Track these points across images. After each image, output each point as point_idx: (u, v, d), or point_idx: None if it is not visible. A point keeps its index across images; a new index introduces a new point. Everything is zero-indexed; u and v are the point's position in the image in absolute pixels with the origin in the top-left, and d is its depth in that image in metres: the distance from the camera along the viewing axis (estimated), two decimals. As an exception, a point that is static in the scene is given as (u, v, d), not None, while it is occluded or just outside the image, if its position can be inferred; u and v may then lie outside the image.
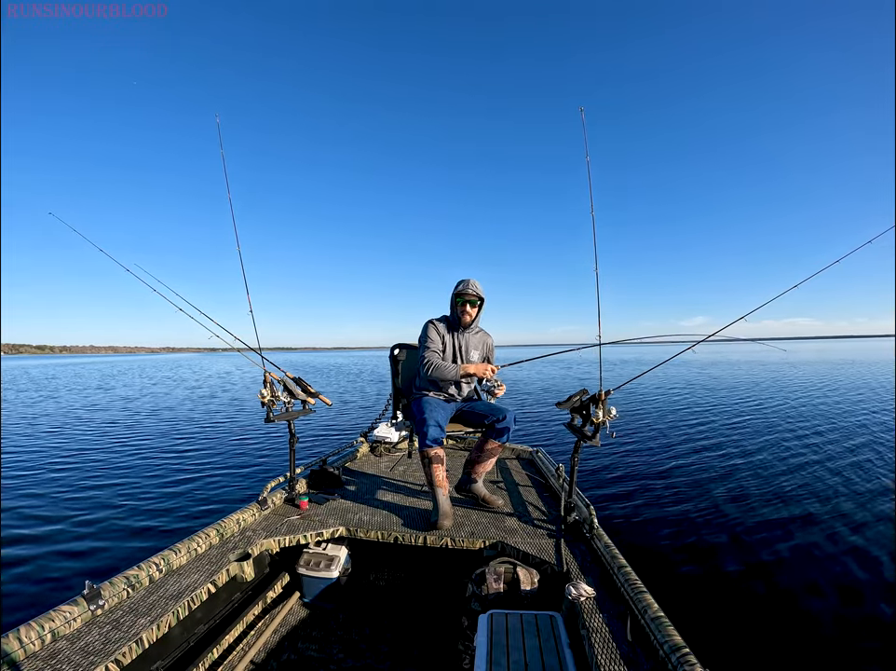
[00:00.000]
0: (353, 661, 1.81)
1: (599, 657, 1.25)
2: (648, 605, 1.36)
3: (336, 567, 2.09)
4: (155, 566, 1.63)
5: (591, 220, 1.95)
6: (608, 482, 4.65)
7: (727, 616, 2.44)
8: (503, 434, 2.30)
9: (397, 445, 3.59)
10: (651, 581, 1.58)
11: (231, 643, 1.75)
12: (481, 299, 2.47)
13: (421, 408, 2.31)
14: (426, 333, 2.49)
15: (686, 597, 2.61)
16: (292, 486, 2.42)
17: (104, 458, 6.02)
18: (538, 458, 3.17)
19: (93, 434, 7.73)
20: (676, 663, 1.13)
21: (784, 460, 5.38)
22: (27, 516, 3.89)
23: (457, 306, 2.46)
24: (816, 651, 2.16)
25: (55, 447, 6.68)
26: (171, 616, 1.48)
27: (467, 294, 2.43)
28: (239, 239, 2.30)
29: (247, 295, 2.26)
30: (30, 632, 1.25)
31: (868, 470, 4.90)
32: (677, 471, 5.03)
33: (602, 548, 1.79)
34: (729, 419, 8.15)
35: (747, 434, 6.87)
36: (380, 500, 2.45)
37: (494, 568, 1.73)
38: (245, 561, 1.86)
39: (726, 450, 5.92)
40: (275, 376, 2.25)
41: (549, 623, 1.46)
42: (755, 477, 4.75)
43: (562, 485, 2.46)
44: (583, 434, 1.95)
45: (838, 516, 3.68)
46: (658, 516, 3.75)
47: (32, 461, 5.84)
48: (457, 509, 2.28)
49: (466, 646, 1.71)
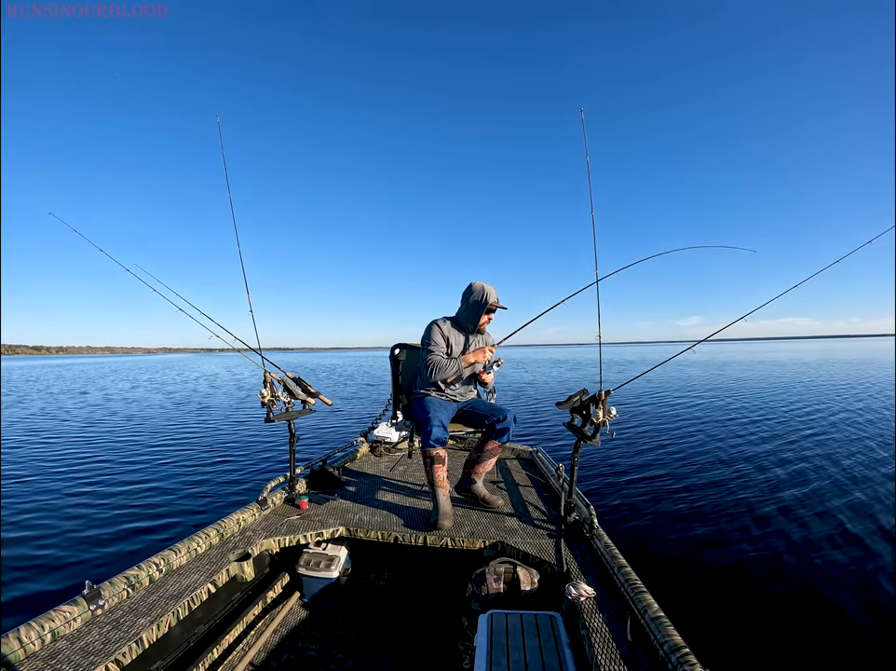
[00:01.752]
0: (353, 661, 1.81)
1: (599, 657, 1.25)
2: (648, 605, 1.36)
3: (336, 567, 2.09)
4: (155, 566, 1.63)
5: (591, 220, 1.96)
6: (608, 482, 4.65)
7: (728, 616, 2.44)
8: (503, 434, 2.30)
9: (397, 445, 3.59)
10: (651, 581, 1.58)
11: (231, 643, 1.74)
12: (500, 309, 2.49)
13: (425, 408, 2.31)
14: (429, 335, 2.44)
15: (686, 597, 2.61)
16: (292, 486, 2.42)
17: (104, 457, 6.02)
18: (538, 458, 3.17)
19: (93, 434, 7.73)
20: (676, 663, 1.13)
21: (785, 460, 5.38)
22: (27, 516, 3.90)
23: (481, 313, 2.43)
24: (816, 651, 2.16)
25: (55, 447, 6.69)
26: (171, 616, 1.48)
27: (495, 305, 2.44)
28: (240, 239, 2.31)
29: (247, 295, 2.27)
30: (30, 632, 1.25)
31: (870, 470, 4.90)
32: (677, 471, 5.02)
33: (602, 548, 1.79)
34: (730, 419, 8.15)
35: (747, 434, 6.87)
36: (380, 500, 2.45)
37: (494, 568, 1.73)
38: (245, 561, 1.86)
39: (726, 450, 5.92)
40: (275, 376, 2.25)
41: (549, 623, 1.46)
42: (756, 477, 4.75)
43: (562, 485, 2.46)
44: (583, 434, 1.95)
45: (840, 516, 3.68)
46: (659, 516, 3.75)
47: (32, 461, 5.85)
48: (457, 509, 2.28)
49: (466, 646, 1.71)
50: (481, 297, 2.40)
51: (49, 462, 5.79)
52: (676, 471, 5.03)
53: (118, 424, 8.81)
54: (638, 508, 3.93)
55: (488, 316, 2.47)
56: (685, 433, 7.03)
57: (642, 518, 3.71)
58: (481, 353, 2.44)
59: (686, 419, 8.24)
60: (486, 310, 2.43)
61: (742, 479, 4.69)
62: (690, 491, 4.34)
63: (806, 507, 3.90)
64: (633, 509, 3.91)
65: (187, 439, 7.21)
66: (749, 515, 3.75)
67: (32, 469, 5.47)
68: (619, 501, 4.09)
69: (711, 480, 4.68)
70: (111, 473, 5.23)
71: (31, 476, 5.15)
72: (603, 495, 4.26)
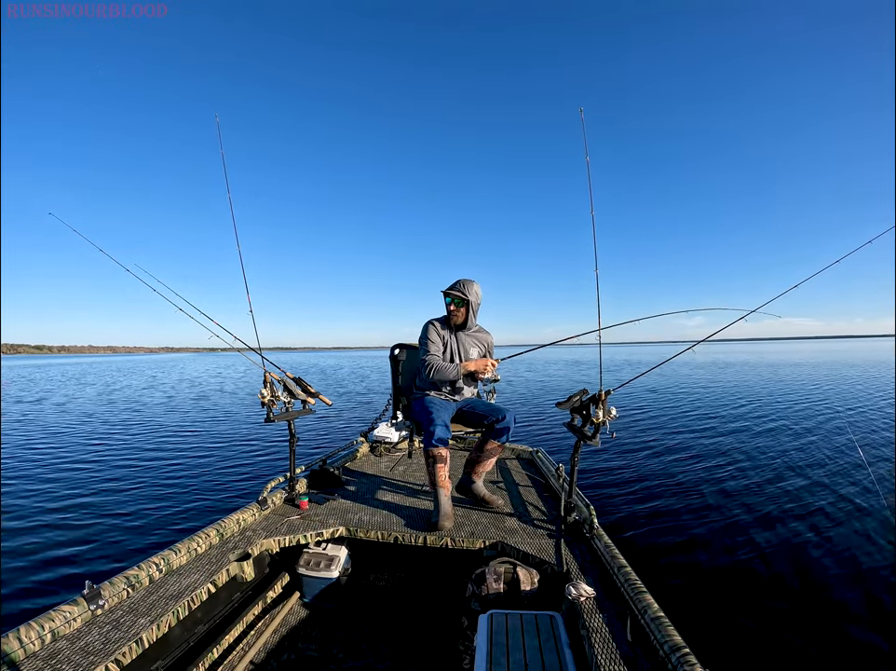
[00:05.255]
0: (353, 661, 1.81)
1: (599, 657, 1.25)
2: (648, 605, 1.36)
3: (336, 567, 2.09)
4: (155, 566, 1.63)
5: (591, 220, 1.96)
6: (608, 482, 4.65)
7: (728, 616, 2.44)
8: (502, 434, 2.30)
9: (397, 444, 3.59)
10: (651, 581, 1.58)
11: (231, 643, 1.75)
12: (464, 300, 2.45)
13: (427, 408, 2.31)
14: (425, 334, 2.47)
15: (686, 597, 2.61)
16: (292, 486, 2.42)
17: (104, 457, 6.02)
18: (538, 458, 3.17)
19: (92, 434, 7.74)
20: (676, 663, 1.13)
21: (786, 460, 5.38)
22: (27, 517, 3.90)
23: (447, 305, 2.47)
24: (816, 651, 2.16)
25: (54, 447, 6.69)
26: (171, 616, 1.48)
27: (451, 294, 2.44)
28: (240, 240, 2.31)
29: (247, 295, 2.27)
30: (30, 632, 1.25)
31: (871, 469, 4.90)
32: (678, 471, 5.02)
33: (602, 548, 1.79)
34: (730, 419, 8.14)
35: (748, 434, 6.87)
36: (380, 500, 2.45)
37: (494, 568, 1.73)
38: (245, 561, 1.86)
39: (727, 450, 5.92)
40: (275, 376, 2.25)
41: (549, 623, 1.46)
42: (757, 477, 4.75)
43: (562, 485, 2.46)
44: (583, 434, 1.95)
45: (841, 516, 3.68)
46: (659, 516, 3.75)
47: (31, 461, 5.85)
48: (457, 509, 2.28)
49: (466, 646, 1.71)
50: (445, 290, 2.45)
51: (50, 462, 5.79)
52: (676, 471, 5.03)
53: (118, 424, 8.81)
54: (638, 508, 3.93)
55: (451, 307, 2.47)
56: (685, 433, 7.02)
57: (642, 518, 3.71)
58: (483, 363, 2.45)
59: (687, 419, 8.24)
60: (449, 301, 2.45)
61: (743, 479, 4.69)
62: (691, 491, 4.34)
63: (806, 507, 3.90)
64: (633, 509, 3.91)
65: (187, 439, 7.21)
66: (749, 515, 3.75)
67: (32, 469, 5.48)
68: (620, 501, 4.09)
69: (711, 480, 4.68)
70: (111, 473, 5.23)
71: (31, 476, 5.15)
72: (603, 495, 4.26)
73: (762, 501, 4.05)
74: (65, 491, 4.58)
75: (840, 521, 3.59)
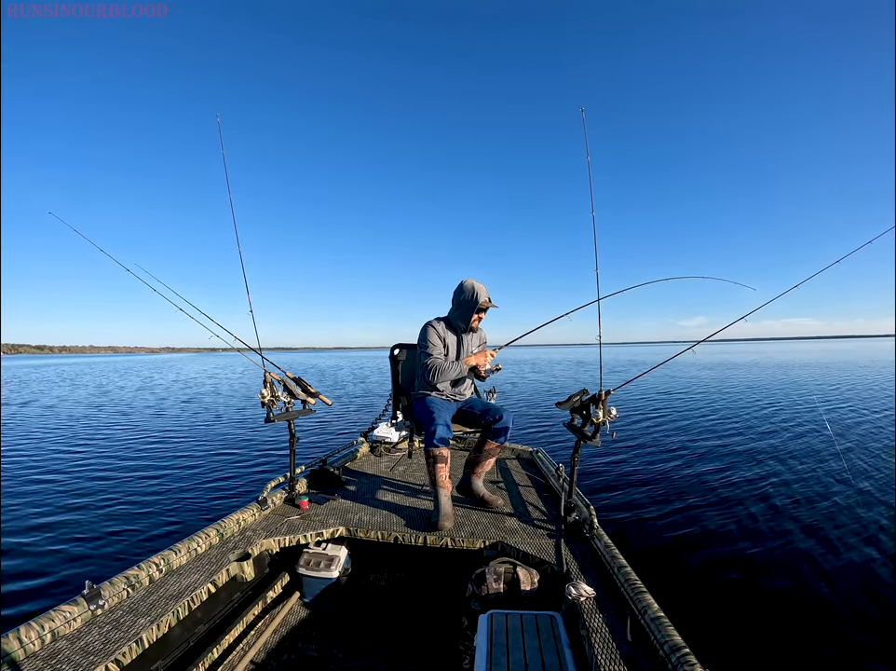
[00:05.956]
0: (353, 661, 1.81)
1: (599, 657, 1.25)
2: (648, 605, 1.36)
3: (336, 567, 2.09)
4: (155, 566, 1.63)
5: (592, 220, 1.96)
6: (608, 482, 4.65)
7: (728, 616, 2.44)
8: (500, 435, 2.30)
9: (397, 445, 3.59)
10: (651, 581, 1.58)
11: (231, 643, 1.74)
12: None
13: (428, 408, 2.30)
14: (426, 337, 2.44)
15: (686, 597, 2.61)
16: (292, 486, 2.42)
17: (104, 458, 6.02)
18: (538, 458, 3.17)
19: (92, 435, 7.73)
20: (676, 663, 1.12)
21: (786, 460, 5.38)
22: (27, 516, 3.89)
23: (472, 312, 2.42)
24: (816, 651, 2.16)
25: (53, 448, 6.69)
26: (171, 616, 1.48)
27: (486, 304, 2.42)
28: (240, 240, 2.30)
29: (247, 295, 2.27)
30: (30, 632, 1.25)
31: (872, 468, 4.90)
32: (678, 471, 5.02)
33: (602, 548, 1.79)
34: (730, 419, 8.15)
35: (748, 434, 6.87)
36: (380, 500, 2.45)
37: (494, 569, 1.72)
38: (245, 561, 1.86)
39: (726, 450, 5.92)
40: (275, 376, 2.25)
41: (549, 622, 1.46)
42: (756, 477, 4.75)
43: (562, 485, 2.45)
44: (583, 434, 1.95)
45: (841, 516, 3.68)
46: (659, 516, 3.75)
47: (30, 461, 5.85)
48: (457, 509, 2.28)
49: (466, 646, 1.71)
50: (471, 297, 2.39)
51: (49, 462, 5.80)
52: (677, 470, 5.03)
53: (117, 423, 8.81)
54: (638, 508, 3.93)
55: (479, 315, 2.46)
56: (685, 433, 7.02)
57: (642, 518, 3.71)
58: (483, 356, 2.44)
59: (687, 419, 8.24)
60: (477, 310, 2.42)
61: (743, 478, 4.69)
62: (691, 491, 4.34)
63: (806, 506, 3.90)
64: (633, 509, 3.91)
65: (187, 438, 7.21)
66: (749, 515, 3.75)
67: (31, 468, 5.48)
68: (620, 501, 4.09)
69: (711, 480, 4.68)
70: (110, 473, 5.23)
71: (30, 476, 5.15)
72: (603, 495, 4.26)
73: (763, 501, 4.05)
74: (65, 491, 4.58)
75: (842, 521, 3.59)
